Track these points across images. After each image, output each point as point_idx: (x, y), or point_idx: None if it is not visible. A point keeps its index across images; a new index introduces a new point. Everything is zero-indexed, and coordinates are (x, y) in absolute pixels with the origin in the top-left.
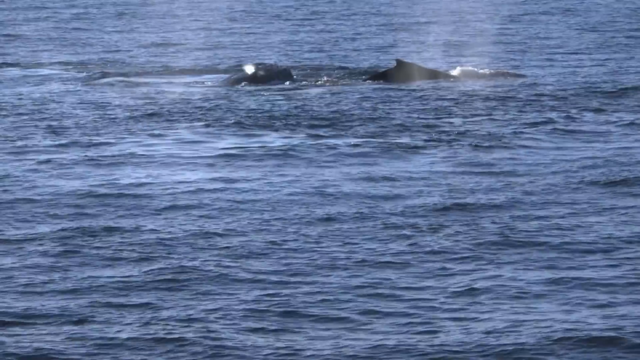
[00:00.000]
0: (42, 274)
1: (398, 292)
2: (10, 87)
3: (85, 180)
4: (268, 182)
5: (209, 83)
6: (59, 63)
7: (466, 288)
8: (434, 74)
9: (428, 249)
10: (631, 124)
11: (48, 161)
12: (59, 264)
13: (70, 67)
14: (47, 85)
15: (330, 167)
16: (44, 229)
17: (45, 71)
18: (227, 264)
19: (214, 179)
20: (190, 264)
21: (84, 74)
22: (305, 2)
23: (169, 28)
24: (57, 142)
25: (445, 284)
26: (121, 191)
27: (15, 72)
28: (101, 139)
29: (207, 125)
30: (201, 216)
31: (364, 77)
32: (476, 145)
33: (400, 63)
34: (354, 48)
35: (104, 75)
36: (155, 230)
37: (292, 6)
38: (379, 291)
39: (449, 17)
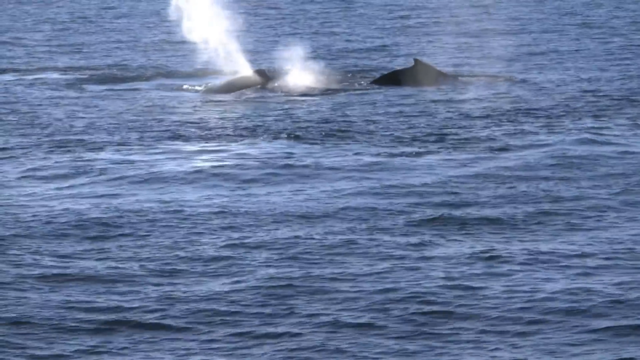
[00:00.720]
0: (39, 289)
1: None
2: (3, 92)
3: (83, 195)
4: (276, 192)
5: (208, 87)
6: (55, 68)
7: (473, 293)
8: (445, 76)
9: (436, 254)
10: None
11: (47, 175)
12: (57, 279)
13: (66, 71)
14: (42, 92)
15: (339, 175)
16: (44, 244)
17: (40, 76)
18: (228, 273)
19: (214, 192)
20: (190, 281)
21: (81, 78)
22: (305, 3)
23: (165, 30)
24: (56, 157)
25: (454, 288)
26: (120, 205)
27: (8, 77)
28: (94, 153)
29: (207, 136)
30: (202, 231)
31: (375, 76)
32: (486, 151)
33: (418, 63)
34: (354, 49)
35: (101, 80)
36: (162, 245)
37: (294, 7)
38: (392, 296)
39: (452, 19)
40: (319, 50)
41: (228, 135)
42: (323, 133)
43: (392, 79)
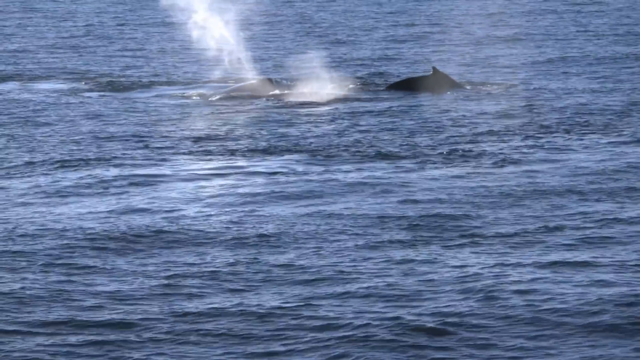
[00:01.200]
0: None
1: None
2: (7, 101)
3: (89, 210)
4: (282, 208)
5: (213, 94)
6: (59, 77)
7: (485, 305)
8: (459, 85)
9: (447, 267)
10: None
11: (52, 191)
12: (63, 295)
13: (71, 80)
14: (47, 102)
15: (347, 190)
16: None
17: (45, 85)
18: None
19: (220, 208)
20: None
21: (85, 87)
22: (308, 11)
23: (167, 37)
24: (62, 173)
25: (466, 300)
26: (126, 221)
27: (12, 85)
28: (100, 168)
29: (212, 149)
30: (208, 248)
31: (381, 83)
32: (496, 164)
33: (436, 71)
34: (360, 57)
35: (107, 88)
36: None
37: (299, 16)
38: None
39: (460, 27)
40: (326, 59)
41: (234, 148)
42: (328, 145)
43: (408, 85)
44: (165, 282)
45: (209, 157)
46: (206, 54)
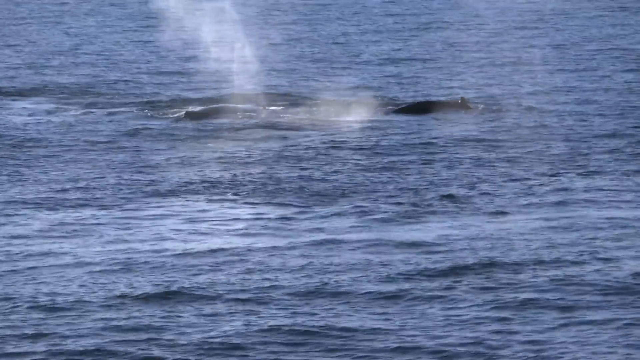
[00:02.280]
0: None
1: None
2: None
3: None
4: (277, 251)
5: (201, 112)
6: (42, 91)
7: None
8: (482, 112)
9: (448, 308)
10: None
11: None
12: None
13: (52, 97)
14: (26, 120)
15: (348, 233)
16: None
17: (29, 104)
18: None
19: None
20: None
21: (69, 104)
22: (313, 24)
23: (163, 55)
24: (55, 214)
25: (472, 345)
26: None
27: None
28: (81, 208)
29: (205, 188)
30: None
31: (399, 105)
32: (493, 212)
33: (463, 101)
34: (371, 79)
35: (91, 105)
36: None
37: (307, 30)
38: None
39: (480, 52)
40: (338, 81)
41: (236, 188)
42: (333, 186)
43: (428, 108)
44: (158, 338)
45: (205, 197)
46: (206, 72)
